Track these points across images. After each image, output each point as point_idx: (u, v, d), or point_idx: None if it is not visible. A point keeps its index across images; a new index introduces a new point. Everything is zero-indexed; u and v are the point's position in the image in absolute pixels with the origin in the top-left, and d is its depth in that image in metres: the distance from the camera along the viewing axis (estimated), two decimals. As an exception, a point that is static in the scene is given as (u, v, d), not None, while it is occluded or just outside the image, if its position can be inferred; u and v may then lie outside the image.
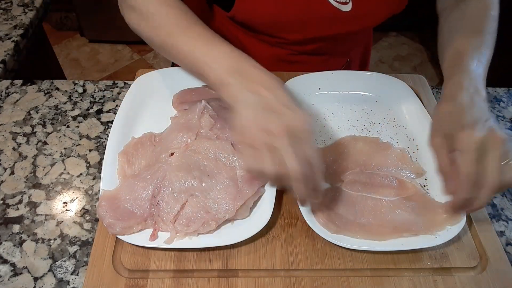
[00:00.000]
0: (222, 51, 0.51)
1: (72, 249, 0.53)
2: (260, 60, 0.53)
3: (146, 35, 0.60)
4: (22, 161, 0.62)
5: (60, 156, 0.63)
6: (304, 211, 0.53)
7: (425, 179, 0.60)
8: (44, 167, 0.62)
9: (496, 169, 0.47)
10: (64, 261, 0.52)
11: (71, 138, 0.66)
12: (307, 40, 0.74)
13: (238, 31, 0.76)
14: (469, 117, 0.50)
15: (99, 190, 0.55)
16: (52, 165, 0.62)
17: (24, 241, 0.54)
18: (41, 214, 0.56)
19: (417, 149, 0.64)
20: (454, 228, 0.53)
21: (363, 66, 0.92)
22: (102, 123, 0.68)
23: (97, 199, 0.58)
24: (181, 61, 0.56)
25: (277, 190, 0.55)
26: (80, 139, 0.66)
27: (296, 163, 0.43)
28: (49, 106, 0.70)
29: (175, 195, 0.53)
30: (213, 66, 0.50)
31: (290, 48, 0.77)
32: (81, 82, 0.75)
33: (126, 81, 0.76)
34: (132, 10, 0.59)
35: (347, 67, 0.85)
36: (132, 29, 0.62)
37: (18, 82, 0.74)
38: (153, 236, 0.51)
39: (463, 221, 0.53)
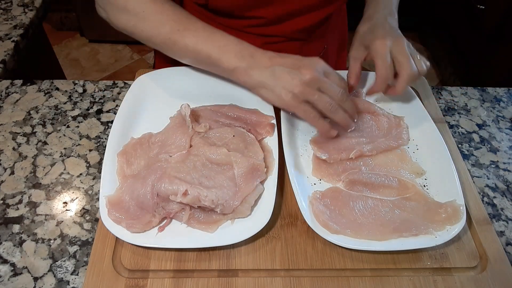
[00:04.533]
0: (225, 40, 0.58)
1: (72, 249, 0.53)
2: None
3: (144, 35, 0.60)
4: (22, 161, 0.62)
5: (60, 156, 0.63)
6: (304, 211, 0.53)
7: (425, 179, 0.60)
8: (44, 167, 0.62)
9: (407, 61, 0.59)
10: (64, 261, 0.52)
11: (71, 138, 0.66)
12: (285, 16, 0.70)
13: (211, 23, 0.74)
14: (381, 31, 0.63)
15: (99, 190, 0.55)
16: (52, 165, 0.62)
17: (24, 241, 0.54)
18: (41, 214, 0.56)
19: (417, 149, 0.64)
20: (454, 228, 0.53)
21: (340, 51, 0.90)
22: (102, 123, 0.68)
23: (97, 199, 0.58)
24: (187, 56, 0.61)
25: (277, 190, 0.55)
26: (80, 139, 0.66)
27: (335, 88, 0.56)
28: (49, 106, 0.70)
29: (174, 186, 0.53)
30: (222, 56, 0.57)
31: (268, 33, 0.73)
32: (81, 82, 0.75)
33: (126, 81, 0.76)
34: (123, 12, 0.59)
35: (325, 53, 0.82)
36: (123, 30, 0.62)
37: (18, 82, 0.74)
38: (161, 228, 0.52)
39: (463, 221, 0.53)
